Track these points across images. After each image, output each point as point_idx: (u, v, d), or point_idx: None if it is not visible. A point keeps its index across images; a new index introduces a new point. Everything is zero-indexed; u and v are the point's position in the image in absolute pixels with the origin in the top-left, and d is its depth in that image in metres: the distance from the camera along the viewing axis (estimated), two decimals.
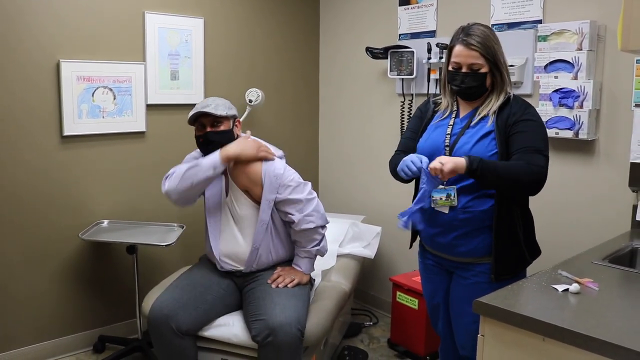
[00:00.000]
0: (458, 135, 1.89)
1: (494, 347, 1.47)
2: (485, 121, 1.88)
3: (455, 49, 1.87)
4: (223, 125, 2.29)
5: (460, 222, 1.87)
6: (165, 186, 2.31)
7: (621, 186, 2.31)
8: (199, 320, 2.22)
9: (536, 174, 1.78)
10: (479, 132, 1.86)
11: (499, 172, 1.75)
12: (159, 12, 3.01)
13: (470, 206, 1.86)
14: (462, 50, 1.85)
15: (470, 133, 1.88)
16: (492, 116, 1.87)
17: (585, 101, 2.35)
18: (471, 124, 1.89)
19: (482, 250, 1.88)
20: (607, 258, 1.83)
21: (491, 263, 1.86)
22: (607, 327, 1.31)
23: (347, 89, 3.58)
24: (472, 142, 1.85)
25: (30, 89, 2.68)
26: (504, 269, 1.86)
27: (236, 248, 2.34)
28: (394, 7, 3.23)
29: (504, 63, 1.89)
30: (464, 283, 1.93)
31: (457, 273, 1.97)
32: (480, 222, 1.86)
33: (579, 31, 2.36)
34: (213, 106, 2.27)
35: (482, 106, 1.90)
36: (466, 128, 1.89)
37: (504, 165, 1.77)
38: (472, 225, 1.86)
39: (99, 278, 2.99)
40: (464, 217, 1.86)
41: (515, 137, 1.82)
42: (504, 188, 1.81)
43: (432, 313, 2.16)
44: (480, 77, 1.85)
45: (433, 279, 2.07)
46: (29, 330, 2.80)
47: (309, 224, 2.30)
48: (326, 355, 2.60)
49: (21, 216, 2.72)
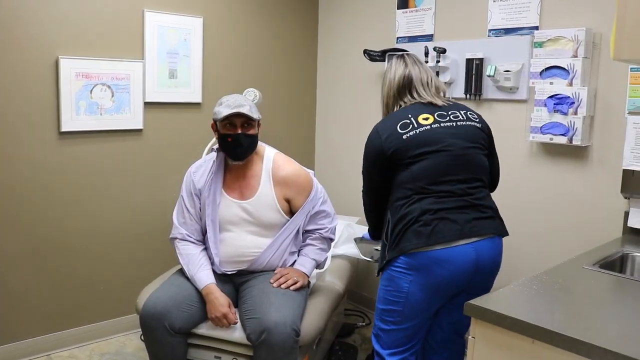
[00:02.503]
0: None
1: (484, 349, 1.49)
2: None
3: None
4: (253, 129, 2.30)
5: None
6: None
7: (613, 192, 2.33)
8: (192, 319, 2.22)
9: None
10: None
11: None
12: (158, 10, 3.02)
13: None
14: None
15: None
16: None
17: (579, 108, 2.38)
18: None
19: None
20: (597, 263, 1.85)
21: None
22: (596, 331, 1.33)
23: (344, 91, 3.60)
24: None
25: (29, 85, 2.68)
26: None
27: (242, 250, 2.33)
28: (393, 10, 3.25)
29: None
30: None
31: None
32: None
33: (574, 38, 2.38)
34: (248, 107, 2.27)
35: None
36: None
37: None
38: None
39: (97, 272, 3.00)
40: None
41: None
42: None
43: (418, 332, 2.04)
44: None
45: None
46: (25, 324, 2.80)
47: (332, 235, 2.48)
48: (319, 355, 2.61)
49: (18, 210, 2.73)
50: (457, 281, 1.88)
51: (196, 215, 2.37)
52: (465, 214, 1.87)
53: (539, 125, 2.51)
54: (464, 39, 2.87)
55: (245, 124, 2.28)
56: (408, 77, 2.09)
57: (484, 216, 1.91)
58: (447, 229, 1.84)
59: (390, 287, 1.94)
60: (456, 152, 1.93)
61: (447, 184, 1.89)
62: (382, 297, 1.99)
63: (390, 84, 2.11)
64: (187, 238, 2.36)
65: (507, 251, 2.76)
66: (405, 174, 1.92)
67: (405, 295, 1.90)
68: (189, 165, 2.48)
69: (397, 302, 1.94)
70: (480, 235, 1.88)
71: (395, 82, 2.09)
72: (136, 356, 2.89)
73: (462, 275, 1.87)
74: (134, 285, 2.90)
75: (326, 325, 2.43)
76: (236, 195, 2.34)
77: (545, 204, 2.60)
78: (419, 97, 2.06)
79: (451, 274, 1.85)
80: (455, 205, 1.88)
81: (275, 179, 2.33)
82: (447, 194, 1.88)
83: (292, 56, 3.65)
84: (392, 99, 2.11)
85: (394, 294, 1.93)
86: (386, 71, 2.15)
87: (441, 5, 3.01)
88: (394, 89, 2.10)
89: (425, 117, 1.98)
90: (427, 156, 1.90)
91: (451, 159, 1.92)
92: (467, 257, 1.85)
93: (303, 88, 3.74)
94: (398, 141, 1.93)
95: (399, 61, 2.14)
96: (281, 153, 2.45)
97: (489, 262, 1.92)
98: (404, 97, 2.08)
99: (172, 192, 2.83)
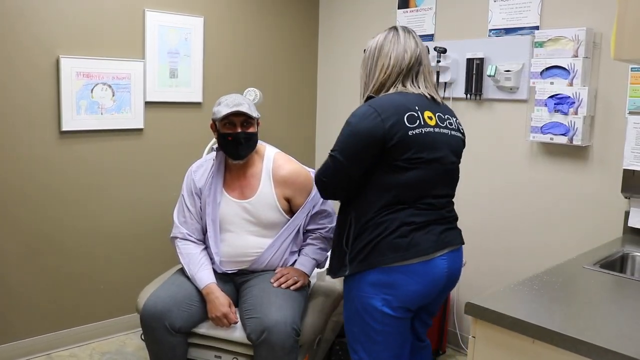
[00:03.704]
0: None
1: (484, 349, 1.49)
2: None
3: None
4: (252, 127, 2.31)
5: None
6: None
7: (614, 192, 2.33)
8: (193, 318, 2.22)
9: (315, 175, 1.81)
10: None
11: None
12: (159, 10, 3.03)
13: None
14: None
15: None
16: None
17: (580, 107, 2.38)
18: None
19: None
20: (598, 263, 1.85)
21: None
22: (596, 330, 1.33)
23: (345, 91, 3.60)
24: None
25: (29, 84, 2.69)
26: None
27: (242, 249, 2.33)
28: (393, 10, 3.25)
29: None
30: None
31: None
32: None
33: (575, 38, 2.38)
34: (247, 106, 2.27)
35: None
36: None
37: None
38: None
39: (97, 272, 3.00)
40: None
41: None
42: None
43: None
44: None
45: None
46: (25, 324, 2.81)
47: (332, 234, 2.42)
48: (319, 354, 2.61)
49: (18, 209, 2.73)
50: (428, 295, 1.75)
51: (197, 215, 2.37)
52: (439, 224, 1.74)
53: (539, 125, 2.51)
54: (465, 38, 2.87)
55: (245, 122, 2.28)
56: (418, 59, 1.76)
57: (451, 227, 1.80)
58: (424, 241, 1.68)
59: (361, 309, 1.73)
60: (447, 166, 1.76)
61: (431, 197, 1.73)
62: (356, 322, 1.78)
63: (396, 59, 1.74)
64: (187, 237, 2.36)
65: (507, 251, 2.78)
66: (391, 177, 1.68)
67: (381, 317, 1.70)
68: (189, 165, 2.48)
69: (376, 330, 1.73)
70: (451, 245, 1.76)
71: (407, 59, 1.74)
72: (136, 355, 2.90)
73: (433, 289, 1.74)
74: (134, 284, 2.90)
75: (326, 325, 2.43)
76: (236, 194, 2.34)
77: (546, 204, 2.61)
78: (424, 87, 1.77)
79: (424, 288, 1.71)
80: (433, 218, 1.73)
81: (276, 179, 2.33)
82: (427, 207, 1.72)
83: (293, 56, 3.65)
84: (394, 77, 1.74)
85: (368, 317, 1.73)
86: (385, 41, 1.77)
87: (442, 5, 3.01)
88: (402, 66, 1.74)
89: (430, 116, 1.73)
90: (421, 165, 1.68)
91: (441, 173, 1.75)
92: (440, 270, 1.73)
93: (303, 88, 3.74)
94: (403, 135, 1.65)
95: (407, 35, 1.78)
96: (282, 152, 2.45)
97: (457, 273, 1.82)
98: (406, 82, 1.76)
99: (173, 192, 2.83)
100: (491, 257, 2.83)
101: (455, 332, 3.01)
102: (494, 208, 2.81)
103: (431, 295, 1.77)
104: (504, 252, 2.78)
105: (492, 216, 2.82)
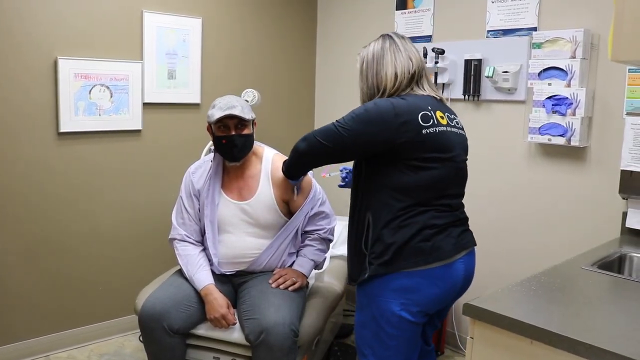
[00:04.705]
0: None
1: (482, 350, 1.49)
2: None
3: None
4: (247, 129, 2.30)
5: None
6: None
7: (611, 193, 2.34)
8: (191, 319, 2.22)
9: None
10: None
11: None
12: (157, 11, 3.03)
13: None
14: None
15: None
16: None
17: (577, 108, 2.38)
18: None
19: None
20: (596, 264, 1.85)
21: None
22: (594, 331, 1.33)
23: (343, 91, 3.60)
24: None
25: (27, 86, 2.68)
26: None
27: (240, 251, 2.33)
28: (391, 11, 3.25)
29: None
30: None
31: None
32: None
33: (572, 39, 2.39)
34: (240, 108, 2.26)
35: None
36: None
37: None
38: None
39: (95, 273, 3.00)
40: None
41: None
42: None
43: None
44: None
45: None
46: (24, 325, 2.80)
47: (331, 236, 2.46)
48: (317, 355, 2.61)
49: (16, 210, 2.73)
50: (446, 299, 1.78)
51: (195, 216, 2.37)
52: (456, 227, 1.76)
53: (537, 126, 2.52)
54: (463, 39, 2.87)
55: (239, 124, 2.28)
56: (422, 63, 1.83)
57: (466, 228, 1.83)
58: (445, 244, 1.70)
59: (377, 314, 1.72)
60: (459, 164, 1.79)
61: (448, 197, 1.74)
62: (372, 329, 1.76)
63: (403, 67, 1.77)
64: (186, 239, 2.36)
65: (505, 252, 2.78)
66: (408, 178, 1.68)
67: (398, 321, 1.70)
68: (187, 166, 2.48)
69: (390, 335, 1.72)
70: (467, 247, 1.79)
71: (413, 66, 1.78)
72: (135, 357, 2.89)
73: (452, 292, 1.76)
74: (132, 285, 2.90)
75: (325, 326, 2.43)
76: (235, 196, 2.34)
77: (544, 205, 2.61)
78: (430, 89, 1.81)
79: (444, 292, 1.73)
80: (451, 221, 1.74)
81: (274, 180, 2.33)
82: (446, 208, 1.73)
83: (291, 57, 3.65)
84: (405, 85, 1.77)
85: (384, 322, 1.72)
86: (383, 50, 1.80)
87: (440, 6, 3.01)
88: (410, 72, 1.77)
89: (441, 116, 1.75)
90: (436, 164, 1.69)
91: (456, 171, 1.77)
92: (459, 273, 1.75)
93: (302, 88, 3.74)
94: (416, 133, 1.66)
95: (404, 42, 1.83)
96: (280, 154, 2.45)
97: (472, 275, 1.84)
98: (414, 87, 1.79)
99: (171, 193, 2.83)
100: (489, 258, 2.83)
101: (454, 332, 3.01)
102: (491, 209, 2.82)
103: (448, 298, 1.79)
104: (503, 253, 2.79)
105: (489, 217, 2.82)
